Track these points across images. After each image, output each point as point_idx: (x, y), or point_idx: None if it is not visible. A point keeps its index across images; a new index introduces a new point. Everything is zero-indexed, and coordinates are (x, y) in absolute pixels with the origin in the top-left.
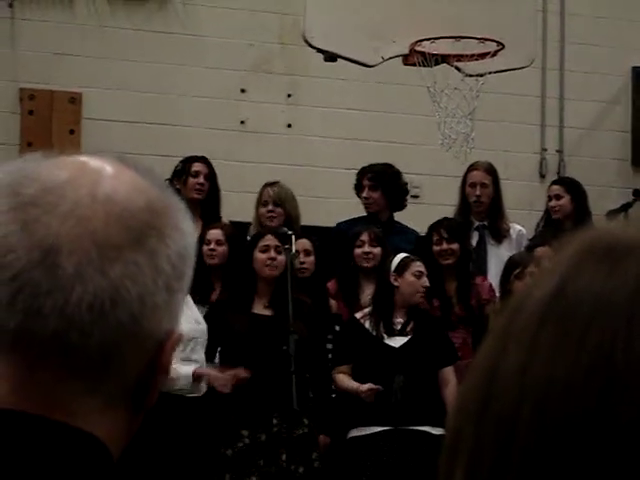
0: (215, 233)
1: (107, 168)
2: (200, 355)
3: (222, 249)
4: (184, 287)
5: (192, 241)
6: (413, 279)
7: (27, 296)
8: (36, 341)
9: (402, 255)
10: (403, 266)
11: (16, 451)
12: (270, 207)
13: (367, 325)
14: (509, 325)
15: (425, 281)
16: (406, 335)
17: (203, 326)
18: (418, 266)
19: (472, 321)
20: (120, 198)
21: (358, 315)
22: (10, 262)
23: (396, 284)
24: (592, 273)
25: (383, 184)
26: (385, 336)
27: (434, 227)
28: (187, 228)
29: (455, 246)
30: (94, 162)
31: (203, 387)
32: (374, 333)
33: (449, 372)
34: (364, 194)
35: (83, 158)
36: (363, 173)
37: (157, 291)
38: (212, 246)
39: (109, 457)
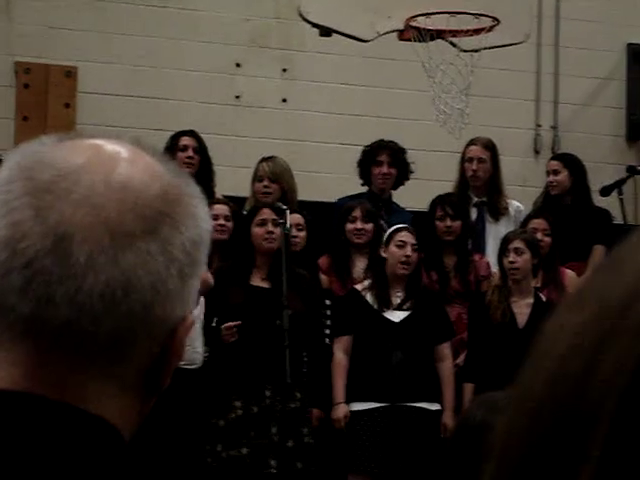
0: (223, 208)
1: (122, 153)
2: (196, 328)
3: (230, 224)
4: (198, 273)
5: (207, 227)
6: (394, 249)
7: (39, 284)
8: (48, 328)
9: (393, 227)
10: (389, 237)
11: (29, 433)
12: (265, 183)
13: (367, 298)
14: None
15: (407, 250)
16: (406, 310)
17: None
18: (402, 236)
19: (468, 296)
20: (135, 185)
21: (358, 287)
22: (24, 249)
23: (384, 255)
24: None
25: (399, 162)
26: (385, 310)
27: (438, 202)
28: (202, 214)
29: (458, 224)
30: (110, 146)
31: (199, 357)
32: (375, 306)
33: (445, 348)
34: (384, 169)
35: (99, 142)
36: (377, 149)
37: (170, 279)
38: (222, 221)
39: (120, 440)
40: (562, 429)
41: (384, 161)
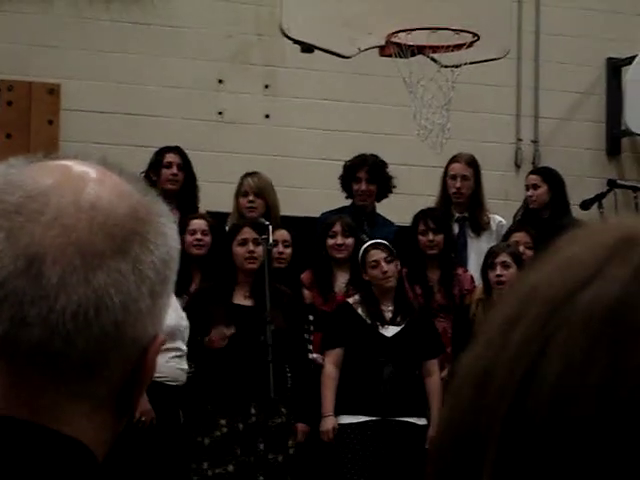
0: (200, 223)
1: (91, 173)
2: (183, 347)
3: (207, 239)
4: (168, 291)
5: (176, 245)
6: (371, 271)
7: (12, 305)
8: (21, 349)
9: (363, 247)
10: (363, 260)
11: (3, 456)
12: (251, 197)
13: (360, 312)
14: (549, 323)
15: (383, 267)
16: (398, 324)
17: (185, 321)
18: (372, 255)
19: (452, 310)
20: (104, 205)
21: (350, 300)
22: None
23: (366, 279)
24: None
25: (378, 177)
26: (379, 324)
27: (421, 217)
28: (170, 232)
29: (440, 237)
30: (78, 167)
31: (183, 375)
32: (368, 321)
33: (433, 364)
34: (362, 187)
35: (67, 162)
36: (356, 166)
37: (141, 298)
38: (199, 236)
39: (93, 460)
40: (459, 457)
41: (362, 178)
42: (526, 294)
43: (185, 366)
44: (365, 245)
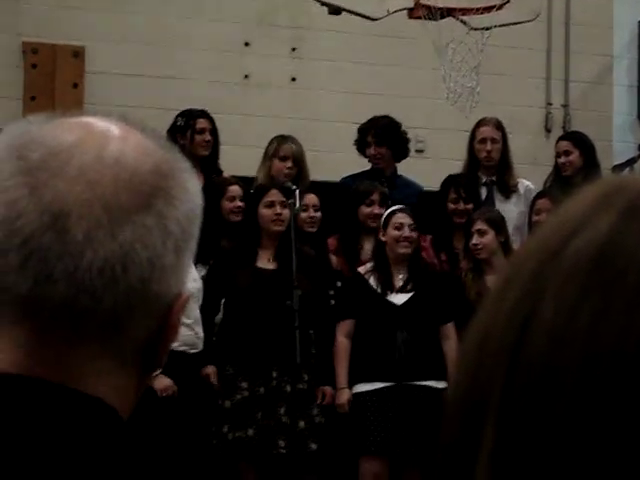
0: (237, 189)
1: (113, 130)
2: (196, 313)
3: (243, 205)
4: (192, 248)
5: (199, 201)
6: (393, 231)
7: (37, 262)
8: (47, 307)
9: (389, 210)
10: (387, 220)
11: (25, 418)
12: (290, 164)
13: (371, 281)
14: (541, 275)
15: (406, 231)
16: (408, 292)
17: (199, 284)
18: (399, 217)
19: None
20: (127, 161)
21: (362, 270)
22: (20, 227)
23: (384, 239)
24: (637, 236)
25: (388, 139)
26: (388, 293)
27: (451, 184)
28: (194, 189)
29: (470, 206)
30: (100, 124)
31: (200, 342)
32: (378, 290)
33: (450, 328)
34: (371, 151)
35: (88, 119)
36: (365, 130)
37: (166, 254)
38: (238, 203)
39: (119, 421)
40: (465, 414)
41: (371, 142)
42: (521, 254)
43: (200, 332)
44: (393, 208)
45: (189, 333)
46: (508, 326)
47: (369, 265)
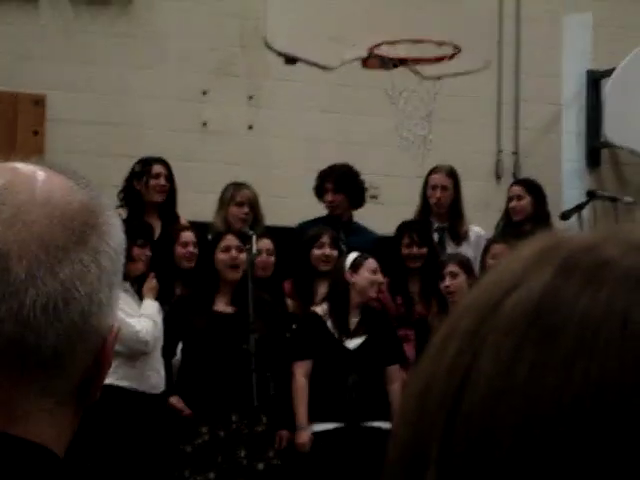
0: (190, 235)
1: (38, 172)
2: (158, 356)
3: (196, 251)
4: (120, 282)
5: (123, 236)
6: (368, 274)
7: None
8: None
9: (355, 254)
10: (358, 264)
11: None
12: (246, 209)
13: (328, 324)
14: (481, 328)
15: (379, 277)
16: (360, 335)
17: (159, 331)
18: (372, 263)
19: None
20: (57, 201)
21: (318, 310)
22: None
23: (353, 280)
24: (573, 291)
25: (346, 187)
26: (344, 338)
27: (405, 229)
28: (118, 224)
29: (424, 250)
30: (25, 167)
31: (161, 382)
32: (335, 335)
33: (395, 370)
34: (328, 198)
35: (13, 165)
36: (325, 177)
37: (101, 288)
38: (191, 249)
39: (56, 461)
40: (403, 471)
41: (328, 188)
42: (462, 306)
43: (162, 374)
44: (363, 254)
45: (149, 373)
46: (448, 378)
47: (325, 307)
